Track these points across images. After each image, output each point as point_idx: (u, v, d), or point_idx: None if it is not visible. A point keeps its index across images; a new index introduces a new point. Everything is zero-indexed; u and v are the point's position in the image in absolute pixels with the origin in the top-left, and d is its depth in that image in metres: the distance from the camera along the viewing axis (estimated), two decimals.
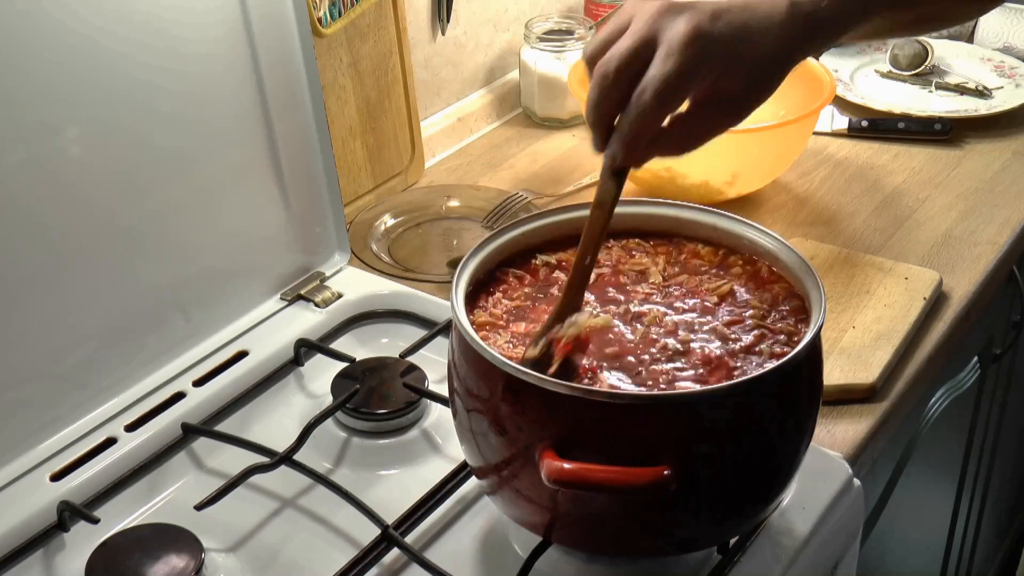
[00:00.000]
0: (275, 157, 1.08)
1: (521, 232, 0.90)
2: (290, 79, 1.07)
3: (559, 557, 0.85)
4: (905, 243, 1.27)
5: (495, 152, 1.49)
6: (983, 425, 1.54)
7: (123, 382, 1.00)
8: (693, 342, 0.81)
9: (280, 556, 0.89)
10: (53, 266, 0.92)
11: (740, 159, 1.29)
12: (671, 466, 0.72)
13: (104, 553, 0.85)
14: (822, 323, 0.78)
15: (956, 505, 1.59)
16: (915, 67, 1.61)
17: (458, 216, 1.32)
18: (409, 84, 1.36)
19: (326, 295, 1.13)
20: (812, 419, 0.82)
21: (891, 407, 1.04)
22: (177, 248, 1.02)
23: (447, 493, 0.91)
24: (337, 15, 1.22)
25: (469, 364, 0.78)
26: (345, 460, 0.98)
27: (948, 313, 1.16)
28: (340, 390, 1.00)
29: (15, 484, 0.92)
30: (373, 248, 1.25)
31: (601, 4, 1.59)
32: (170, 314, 1.03)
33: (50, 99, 0.89)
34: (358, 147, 1.32)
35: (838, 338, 1.09)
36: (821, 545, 0.89)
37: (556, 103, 1.52)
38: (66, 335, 0.95)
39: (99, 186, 0.94)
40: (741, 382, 0.75)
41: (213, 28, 1.00)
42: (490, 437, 0.78)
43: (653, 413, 0.73)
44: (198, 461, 0.98)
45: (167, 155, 0.99)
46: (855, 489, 0.94)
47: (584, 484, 0.72)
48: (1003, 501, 1.84)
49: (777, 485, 0.81)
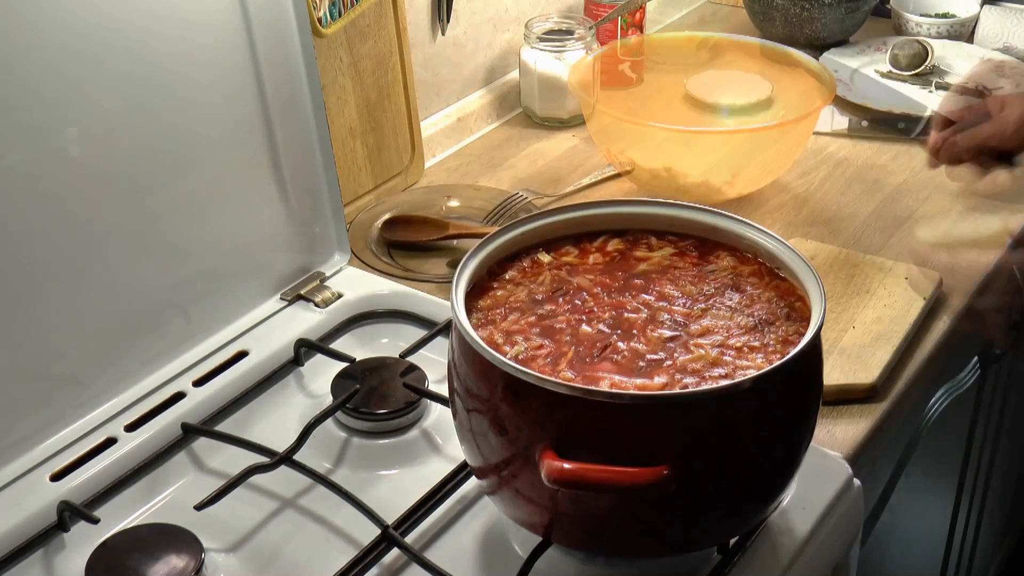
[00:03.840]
0: (275, 157, 1.08)
1: (521, 232, 0.90)
2: (290, 79, 1.07)
3: (559, 557, 0.85)
4: (905, 243, 1.27)
5: (495, 152, 1.49)
6: (983, 425, 1.54)
7: (123, 382, 1.00)
8: (693, 342, 0.82)
9: (280, 556, 0.89)
10: (53, 266, 0.92)
11: (740, 159, 1.29)
12: (671, 466, 0.72)
13: (104, 553, 0.85)
14: (822, 323, 0.78)
15: (956, 505, 1.58)
16: (915, 67, 1.61)
17: (458, 216, 1.32)
18: (409, 84, 1.36)
19: (326, 295, 1.13)
20: (812, 419, 0.82)
21: (891, 407, 1.04)
22: (177, 248, 1.02)
23: (447, 493, 0.91)
24: (337, 15, 1.22)
25: (469, 364, 0.78)
26: (345, 460, 0.98)
27: (948, 313, 1.16)
28: (340, 390, 1.00)
29: (15, 484, 0.92)
30: (373, 248, 1.25)
31: (601, 4, 1.58)
32: (170, 314, 1.03)
33: (50, 99, 0.89)
34: (358, 147, 1.32)
35: (838, 338, 1.09)
36: (821, 545, 0.89)
37: (556, 103, 1.52)
38: (66, 335, 0.95)
39: (99, 186, 0.94)
40: (741, 382, 0.75)
41: (213, 28, 1.00)
42: (490, 437, 0.78)
43: (653, 413, 0.73)
44: (198, 461, 0.98)
45: (167, 155, 0.99)
46: (855, 489, 0.94)
47: (584, 484, 0.72)
48: (1003, 501, 1.84)
49: (777, 485, 0.81)
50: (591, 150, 1.48)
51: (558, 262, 0.90)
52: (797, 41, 1.67)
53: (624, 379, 0.78)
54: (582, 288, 0.87)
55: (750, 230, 0.90)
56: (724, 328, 0.83)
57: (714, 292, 0.87)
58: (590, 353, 0.81)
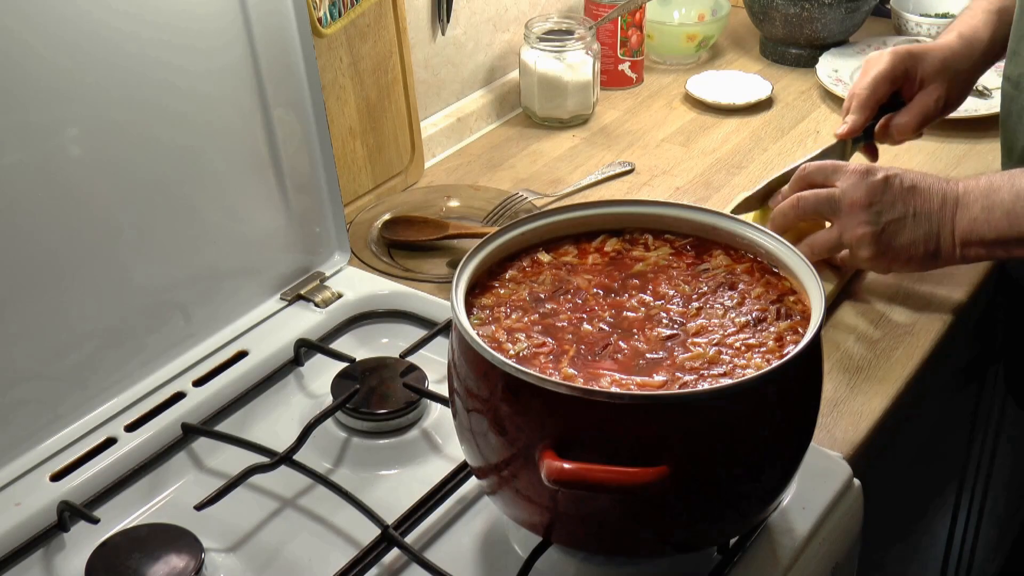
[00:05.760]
0: (275, 157, 1.08)
1: (521, 232, 0.90)
2: (290, 79, 1.07)
3: (559, 557, 0.85)
4: None
5: (495, 152, 1.49)
6: (983, 425, 1.54)
7: (123, 382, 1.00)
8: (690, 340, 0.82)
9: (280, 556, 0.89)
10: (53, 266, 0.92)
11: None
12: (671, 466, 0.72)
13: (104, 553, 0.85)
14: (822, 323, 0.78)
15: (956, 505, 1.58)
16: None
17: (458, 216, 1.32)
18: (409, 84, 1.36)
19: (326, 295, 1.13)
20: (812, 419, 0.82)
21: (891, 407, 1.04)
22: (177, 248, 1.02)
23: (447, 493, 0.91)
24: (337, 15, 1.22)
25: (469, 364, 0.78)
26: (345, 460, 0.98)
27: (948, 311, 1.16)
28: (340, 390, 1.00)
29: (15, 484, 0.92)
30: (373, 248, 1.25)
31: (601, 4, 1.59)
32: (170, 314, 1.03)
33: (50, 99, 0.90)
34: (358, 147, 1.32)
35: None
36: (821, 545, 0.89)
37: (556, 103, 1.52)
38: (66, 335, 0.95)
39: (99, 186, 0.94)
40: (741, 382, 0.75)
41: (213, 28, 1.00)
42: (490, 437, 0.78)
43: (653, 413, 0.73)
44: (198, 461, 0.98)
45: (167, 155, 0.99)
46: (855, 489, 0.94)
47: (584, 484, 0.72)
48: (1003, 501, 1.84)
49: (777, 485, 0.81)
50: (591, 150, 1.48)
51: (558, 262, 0.90)
52: (797, 41, 1.67)
53: (625, 377, 0.78)
54: (582, 288, 0.87)
55: (748, 229, 0.90)
56: (720, 326, 0.83)
57: (708, 291, 0.87)
58: (592, 351, 0.81)
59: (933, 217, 1.04)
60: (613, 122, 1.55)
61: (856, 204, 1.06)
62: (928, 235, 1.05)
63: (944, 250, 1.05)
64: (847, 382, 1.06)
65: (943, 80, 1.24)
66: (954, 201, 1.04)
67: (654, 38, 1.68)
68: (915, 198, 1.05)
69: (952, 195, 1.04)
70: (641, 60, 1.64)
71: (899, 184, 1.05)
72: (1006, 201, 1.02)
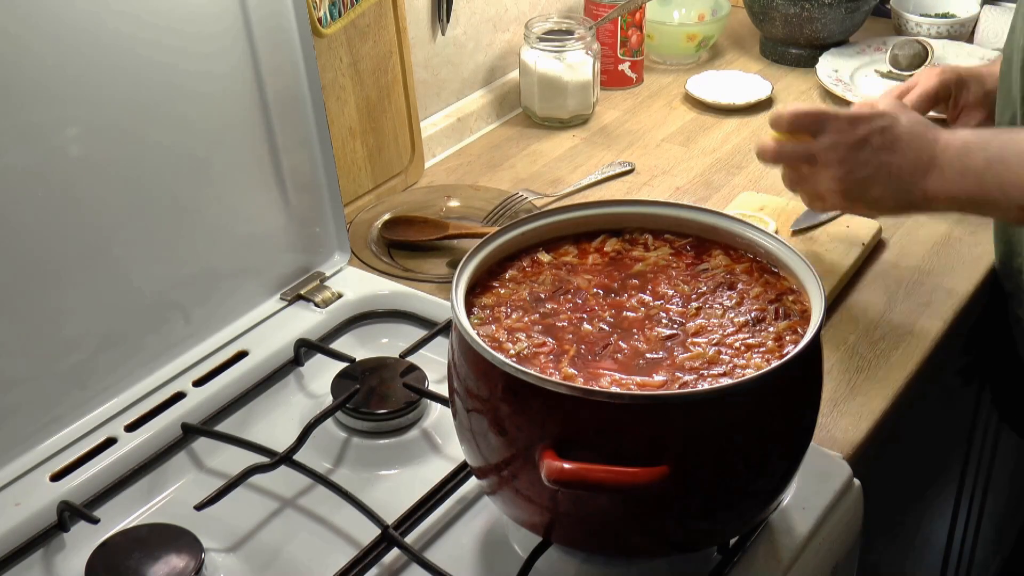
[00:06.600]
0: (275, 157, 1.08)
1: (521, 232, 0.90)
2: (290, 79, 1.07)
3: (559, 557, 0.85)
4: (905, 243, 1.27)
5: (495, 152, 1.49)
6: (983, 425, 1.54)
7: (123, 382, 1.00)
8: (690, 340, 0.82)
9: (280, 556, 0.89)
10: (53, 265, 0.92)
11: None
12: (671, 466, 0.72)
13: (104, 553, 0.85)
14: (822, 323, 0.78)
15: (956, 505, 1.58)
16: (915, 67, 1.61)
17: (458, 216, 1.32)
18: (409, 84, 1.36)
19: (326, 295, 1.13)
20: (812, 419, 0.82)
21: (891, 407, 1.04)
22: (177, 248, 1.02)
23: (447, 493, 0.91)
24: (337, 15, 1.22)
25: (469, 364, 0.78)
26: (345, 460, 0.98)
27: (948, 312, 1.16)
28: (340, 390, 1.00)
29: (15, 484, 0.92)
30: (373, 248, 1.25)
31: (601, 4, 1.59)
32: (170, 314, 1.03)
33: (50, 99, 0.90)
34: (358, 147, 1.32)
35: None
36: (821, 545, 0.89)
37: (556, 103, 1.52)
38: (66, 335, 0.95)
39: (99, 186, 0.94)
40: (741, 382, 0.75)
41: (213, 28, 1.00)
42: (490, 437, 0.78)
43: (653, 413, 0.73)
44: (198, 461, 0.98)
45: (167, 155, 0.99)
46: (855, 489, 0.94)
47: (584, 484, 0.72)
48: (1003, 501, 1.84)
49: (777, 485, 0.81)
50: (591, 150, 1.48)
51: (558, 262, 0.90)
52: (797, 41, 1.67)
53: (625, 377, 0.78)
54: (582, 288, 0.87)
55: (748, 229, 0.90)
56: (720, 326, 0.83)
57: (708, 291, 0.87)
58: (592, 351, 0.81)
59: (904, 176, 1.04)
60: (613, 122, 1.56)
61: (830, 162, 1.05)
62: (898, 191, 1.05)
63: (913, 204, 1.06)
64: (847, 382, 1.06)
65: (986, 107, 1.23)
66: (929, 160, 1.03)
67: (654, 38, 1.68)
68: (893, 155, 1.04)
69: (927, 153, 1.03)
70: (641, 60, 1.64)
71: (879, 141, 1.04)
72: (978, 167, 1.01)
